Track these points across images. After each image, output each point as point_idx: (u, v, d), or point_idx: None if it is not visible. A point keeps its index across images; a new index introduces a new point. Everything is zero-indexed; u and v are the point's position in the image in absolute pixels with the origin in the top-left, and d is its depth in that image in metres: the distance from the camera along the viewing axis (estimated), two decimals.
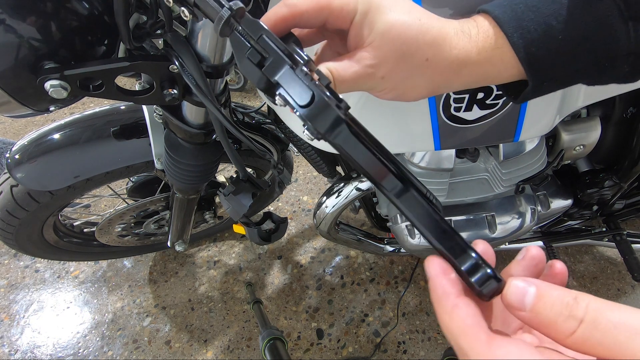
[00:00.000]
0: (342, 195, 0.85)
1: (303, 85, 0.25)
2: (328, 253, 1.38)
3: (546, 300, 0.19)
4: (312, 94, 0.24)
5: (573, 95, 0.59)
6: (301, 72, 0.25)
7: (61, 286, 1.33)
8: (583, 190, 0.80)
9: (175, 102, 0.52)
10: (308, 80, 0.25)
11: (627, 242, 0.97)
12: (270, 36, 0.27)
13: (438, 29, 0.29)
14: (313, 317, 1.24)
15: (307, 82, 0.25)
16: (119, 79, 0.47)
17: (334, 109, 0.24)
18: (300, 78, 0.25)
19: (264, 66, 0.27)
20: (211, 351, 1.18)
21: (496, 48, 0.29)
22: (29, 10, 0.39)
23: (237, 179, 0.67)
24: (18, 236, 0.92)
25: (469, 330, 0.19)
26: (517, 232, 0.77)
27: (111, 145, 0.81)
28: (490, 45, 0.29)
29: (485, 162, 0.72)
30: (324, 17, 0.29)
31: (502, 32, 0.29)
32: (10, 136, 1.88)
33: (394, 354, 1.17)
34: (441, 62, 0.29)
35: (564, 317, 0.18)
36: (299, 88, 0.25)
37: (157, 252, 1.40)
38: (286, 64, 0.26)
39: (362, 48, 0.29)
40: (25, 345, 1.20)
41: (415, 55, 0.29)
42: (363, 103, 0.55)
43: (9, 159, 0.76)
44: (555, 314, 0.18)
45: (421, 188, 0.34)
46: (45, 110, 0.47)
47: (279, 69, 0.26)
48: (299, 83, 0.25)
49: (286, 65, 0.26)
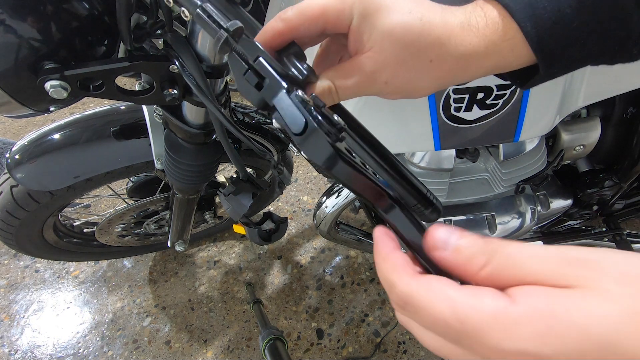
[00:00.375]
0: (342, 195, 0.85)
1: (297, 112, 0.25)
2: (328, 253, 1.38)
3: (467, 239, 0.21)
4: (305, 122, 0.24)
5: (573, 95, 0.59)
6: (296, 96, 0.25)
7: (61, 286, 1.33)
8: (583, 190, 0.80)
9: (176, 102, 0.52)
10: (302, 107, 0.25)
11: (627, 242, 0.97)
12: (266, 58, 0.27)
13: (442, 27, 0.28)
14: (313, 317, 1.24)
15: (301, 109, 0.25)
16: (119, 79, 0.47)
17: (326, 141, 0.24)
18: (295, 104, 0.25)
19: (263, 87, 0.27)
20: (211, 351, 1.18)
21: (506, 40, 0.28)
22: (29, 10, 0.39)
23: (237, 179, 0.67)
24: (18, 236, 0.92)
25: (400, 268, 0.22)
26: (517, 232, 0.77)
27: (111, 145, 0.81)
28: (499, 38, 0.28)
29: (485, 162, 0.72)
30: (320, 27, 0.29)
31: (513, 21, 0.27)
32: (10, 136, 1.88)
33: (394, 354, 1.17)
34: (446, 61, 0.28)
35: (479, 255, 0.20)
36: (293, 115, 0.25)
37: (157, 252, 1.40)
38: (282, 88, 0.26)
39: (363, 54, 0.28)
40: (25, 345, 1.20)
41: (418, 58, 0.28)
42: (363, 103, 0.55)
43: (9, 159, 0.76)
44: (471, 252, 0.20)
45: (421, 187, 0.35)
46: (46, 110, 0.47)
47: (275, 92, 0.26)
48: (293, 109, 0.25)
49: (282, 89, 0.26)
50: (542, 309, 0.17)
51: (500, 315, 0.17)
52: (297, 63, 0.28)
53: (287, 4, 0.50)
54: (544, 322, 0.17)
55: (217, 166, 0.75)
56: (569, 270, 0.18)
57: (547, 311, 0.17)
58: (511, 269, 0.19)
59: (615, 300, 0.17)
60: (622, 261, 0.18)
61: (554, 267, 0.18)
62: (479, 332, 0.18)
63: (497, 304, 0.18)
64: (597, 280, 0.17)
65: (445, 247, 0.21)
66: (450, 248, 0.21)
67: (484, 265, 0.20)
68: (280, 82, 0.26)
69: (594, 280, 0.17)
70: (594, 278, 0.17)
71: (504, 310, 0.18)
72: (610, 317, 0.16)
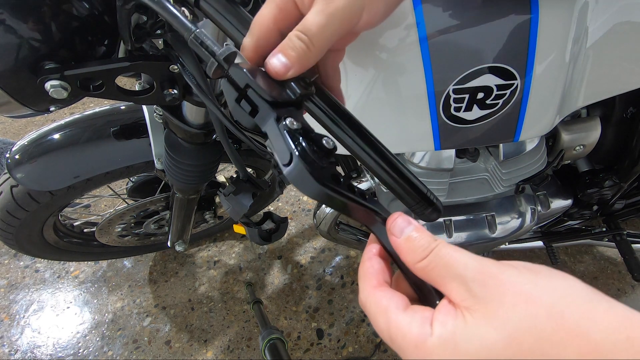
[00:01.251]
0: None
1: (283, 143, 0.25)
2: (328, 253, 1.38)
3: (419, 233, 0.25)
4: (290, 155, 0.25)
5: (573, 95, 0.59)
6: (284, 126, 0.26)
7: (61, 286, 1.33)
8: (583, 190, 0.80)
9: (176, 102, 0.52)
10: (288, 137, 0.25)
11: (627, 242, 0.97)
12: (255, 87, 0.27)
13: None
14: (313, 317, 1.24)
15: (287, 140, 0.25)
16: (119, 79, 0.47)
17: (308, 176, 0.24)
18: (282, 134, 0.25)
19: (257, 112, 0.27)
20: (211, 351, 1.18)
21: None
22: (30, 10, 0.39)
23: (237, 179, 0.67)
24: (18, 236, 0.92)
25: (368, 276, 0.26)
26: (517, 232, 0.77)
27: (111, 145, 0.81)
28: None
29: (485, 162, 0.72)
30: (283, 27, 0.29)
31: None
32: (10, 136, 1.88)
33: (394, 354, 1.17)
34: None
35: (422, 247, 0.24)
36: (280, 145, 0.25)
37: (157, 252, 1.40)
38: (271, 116, 0.26)
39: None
40: (25, 345, 1.20)
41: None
42: (363, 103, 0.55)
43: (9, 159, 0.76)
44: (418, 244, 0.24)
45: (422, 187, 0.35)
46: (46, 110, 0.47)
47: (265, 120, 0.26)
48: (281, 140, 0.25)
49: (271, 118, 0.26)
50: (448, 339, 0.20)
51: (419, 345, 0.21)
52: (293, 85, 0.28)
53: None
54: (449, 353, 0.20)
55: (217, 166, 0.75)
56: (476, 284, 0.21)
57: (452, 342, 0.20)
58: (441, 268, 0.23)
59: (501, 329, 0.19)
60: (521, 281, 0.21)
61: (471, 275, 0.22)
62: (405, 353, 0.22)
63: (420, 334, 0.21)
64: (493, 305, 0.20)
65: (399, 235, 0.25)
66: (404, 236, 0.25)
67: (422, 259, 0.24)
68: (269, 110, 0.26)
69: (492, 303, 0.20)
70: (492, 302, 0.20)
71: (423, 342, 0.21)
72: (496, 346, 0.19)
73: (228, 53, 0.28)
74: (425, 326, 0.21)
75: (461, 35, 0.45)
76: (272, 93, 0.26)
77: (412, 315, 0.22)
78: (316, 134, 0.26)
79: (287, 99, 0.27)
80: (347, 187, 0.26)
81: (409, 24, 0.44)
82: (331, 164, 0.26)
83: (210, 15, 0.36)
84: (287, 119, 0.26)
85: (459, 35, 0.45)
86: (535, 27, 0.45)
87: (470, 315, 0.21)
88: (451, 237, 0.77)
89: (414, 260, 0.24)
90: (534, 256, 1.32)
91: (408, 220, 0.26)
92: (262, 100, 0.27)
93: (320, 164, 0.25)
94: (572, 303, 0.19)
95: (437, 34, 0.45)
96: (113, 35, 0.48)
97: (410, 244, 0.24)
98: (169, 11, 0.35)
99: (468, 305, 0.21)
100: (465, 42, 0.46)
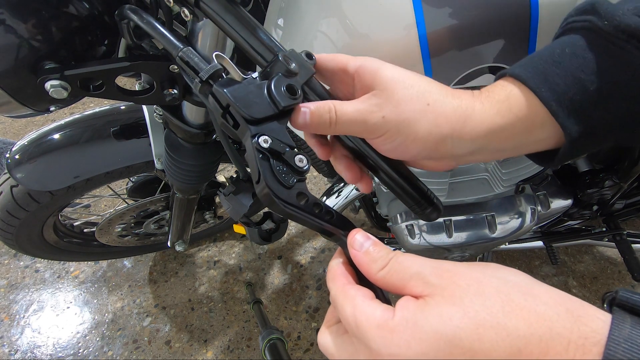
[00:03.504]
0: (342, 195, 0.85)
1: (254, 162, 0.27)
2: (328, 253, 1.38)
3: (376, 247, 0.27)
4: (259, 173, 0.27)
5: None
6: (256, 144, 0.27)
7: (61, 286, 1.33)
8: (583, 190, 0.80)
9: (176, 102, 0.52)
10: (259, 157, 0.27)
11: (627, 242, 0.97)
12: (234, 106, 0.28)
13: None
14: (313, 317, 1.24)
15: (257, 160, 0.27)
16: (119, 79, 0.47)
17: (272, 197, 0.26)
18: (254, 154, 0.27)
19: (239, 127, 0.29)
20: (211, 351, 1.18)
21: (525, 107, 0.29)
22: (30, 10, 0.39)
23: (237, 179, 0.67)
24: (18, 236, 0.92)
25: (336, 277, 0.28)
26: (517, 232, 0.77)
27: (111, 145, 0.81)
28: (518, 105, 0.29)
29: (485, 162, 0.72)
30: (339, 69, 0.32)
31: (527, 88, 0.29)
32: (10, 136, 1.88)
33: None
34: (443, 106, 0.29)
35: (381, 257, 0.26)
36: (252, 163, 0.27)
37: (157, 252, 1.40)
38: (248, 134, 0.28)
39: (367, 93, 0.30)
40: (25, 345, 1.20)
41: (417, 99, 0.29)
42: None
43: (9, 159, 0.76)
44: (376, 256, 0.26)
45: (422, 187, 0.35)
46: (46, 110, 0.47)
47: (245, 135, 0.28)
48: (253, 158, 0.27)
49: (248, 136, 0.28)
50: (409, 318, 0.22)
51: (382, 325, 0.23)
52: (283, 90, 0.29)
53: (287, 4, 0.50)
54: (410, 330, 0.22)
55: (217, 166, 0.75)
56: (433, 277, 0.24)
57: (412, 320, 0.22)
58: (400, 272, 0.25)
59: (458, 304, 0.22)
60: (472, 270, 0.24)
61: (428, 271, 0.24)
62: (368, 336, 0.23)
63: (383, 316, 0.23)
64: (449, 289, 0.23)
65: (359, 249, 0.27)
66: (363, 250, 0.27)
67: (382, 268, 0.26)
68: (247, 127, 0.28)
69: (448, 288, 0.23)
70: (449, 287, 0.23)
71: (385, 322, 0.23)
72: (454, 318, 0.21)
73: (212, 72, 0.29)
74: (389, 311, 0.23)
75: (461, 34, 0.45)
76: (250, 111, 0.28)
77: (377, 304, 0.24)
78: (290, 151, 0.28)
79: (268, 114, 0.29)
80: (311, 206, 0.28)
81: (409, 23, 0.44)
82: (300, 182, 0.28)
83: (210, 15, 0.36)
84: (261, 137, 0.27)
85: (458, 35, 0.45)
86: (536, 26, 0.45)
87: (431, 299, 0.23)
88: (451, 237, 0.77)
89: (375, 270, 0.26)
90: (534, 256, 1.32)
91: (367, 236, 0.28)
92: (241, 117, 0.28)
93: (286, 185, 0.27)
94: (516, 285, 0.22)
95: (437, 33, 0.45)
96: (113, 35, 0.48)
97: (369, 257, 0.27)
98: (158, 31, 0.38)
99: (427, 293, 0.23)
100: (465, 41, 0.46)
